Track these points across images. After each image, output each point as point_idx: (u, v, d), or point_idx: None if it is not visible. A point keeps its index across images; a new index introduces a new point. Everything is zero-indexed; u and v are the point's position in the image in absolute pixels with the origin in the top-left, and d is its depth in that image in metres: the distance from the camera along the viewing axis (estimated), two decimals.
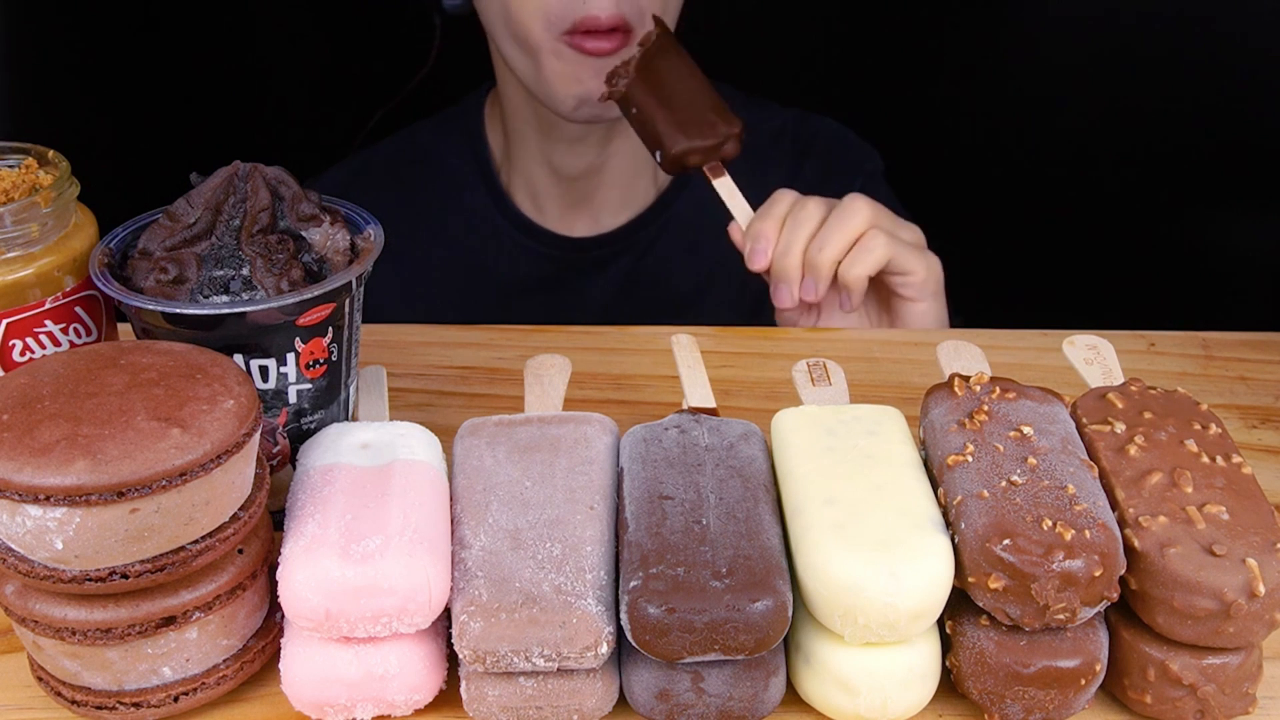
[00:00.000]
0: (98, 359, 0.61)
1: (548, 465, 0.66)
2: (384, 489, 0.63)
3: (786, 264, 0.96)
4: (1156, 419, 0.67)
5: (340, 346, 0.72)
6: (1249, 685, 0.60)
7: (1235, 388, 0.91)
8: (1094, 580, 0.57)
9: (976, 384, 0.68)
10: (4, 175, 0.69)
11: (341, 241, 0.72)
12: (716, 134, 0.99)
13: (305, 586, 0.58)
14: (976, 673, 0.60)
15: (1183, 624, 0.58)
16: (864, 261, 0.95)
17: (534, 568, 0.60)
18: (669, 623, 0.57)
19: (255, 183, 0.72)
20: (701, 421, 0.69)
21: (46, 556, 0.56)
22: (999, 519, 0.59)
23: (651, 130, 1.00)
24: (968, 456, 0.63)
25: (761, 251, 0.97)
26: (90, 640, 0.58)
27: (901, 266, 0.96)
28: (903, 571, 0.58)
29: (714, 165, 1.00)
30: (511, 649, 0.57)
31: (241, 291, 0.68)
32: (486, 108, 1.32)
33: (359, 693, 0.60)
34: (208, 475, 0.57)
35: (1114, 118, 1.56)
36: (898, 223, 0.99)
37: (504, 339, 0.97)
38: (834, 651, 0.60)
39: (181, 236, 0.70)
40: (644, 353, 0.95)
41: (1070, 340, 0.78)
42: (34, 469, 0.54)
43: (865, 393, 0.83)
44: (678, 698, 0.59)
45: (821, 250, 0.95)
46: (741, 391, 0.91)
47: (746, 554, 0.59)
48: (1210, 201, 1.54)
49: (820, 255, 0.95)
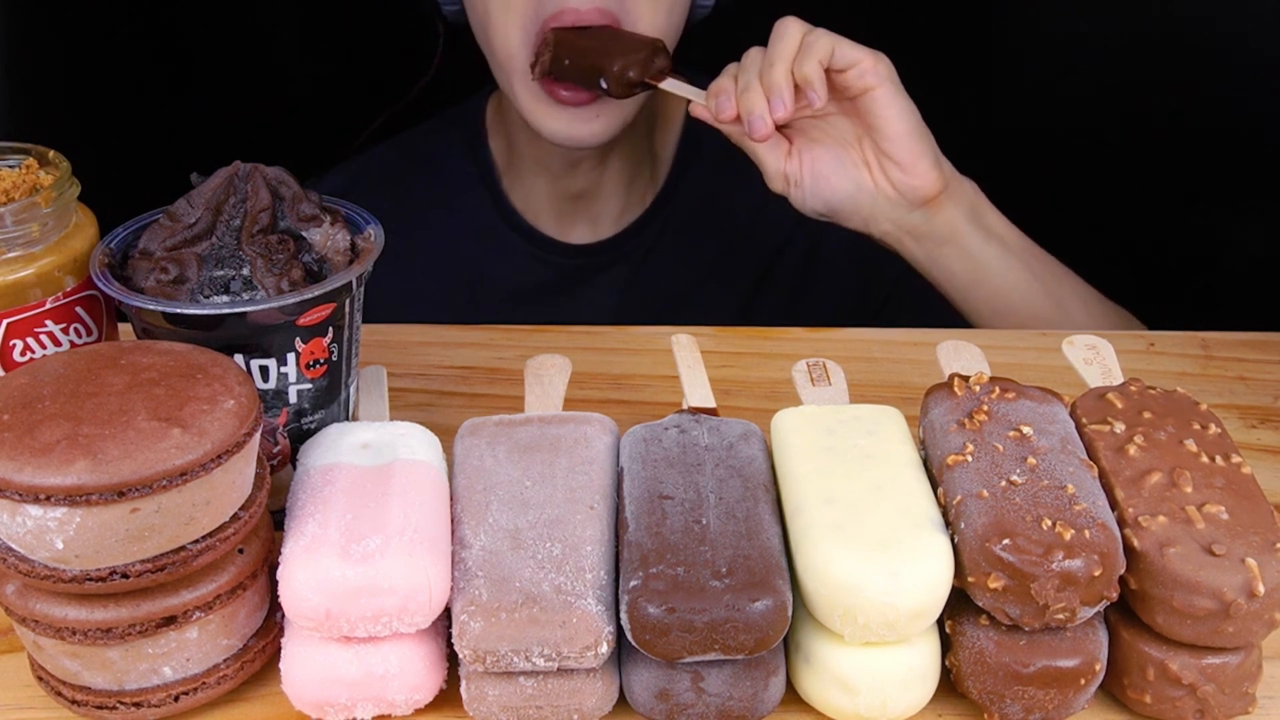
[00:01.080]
0: (98, 359, 0.61)
1: (548, 465, 0.66)
2: (384, 489, 0.63)
3: (750, 97, 0.98)
4: (1156, 419, 0.67)
5: (340, 346, 0.72)
6: (1249, 685, 0.60)
7: (1235, 388, 0.91)
8: (1093, 580, 0.57)
9: (976, 384, 0.68)
10: (4, 175, 0.70)
11: (342, 241, 0.73)
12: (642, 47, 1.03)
13: (305, 586, 0.58)
14: (976, 672, 0.60)
15: (1182, 624, 0.58)
16: (810, 56, 0.97)
17: (534, 567, 0.60)
18: (669, 622, 0.57)
19: (255, 183, 0.72)
20: (701, 421, 0.69)
21: (47, 556, 0.56)
22: (999, 519, 0.59)
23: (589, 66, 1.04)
24: (967, 456, 0.63)
25: (725, 102, 0.99)
26: (91, 640, 0.59)
27: (847, 58, 0.98)
28: (902, 571, 0.58)
29: (655, 74, 1.04)
30: (511, 649, 0.58)
31: (242, 291, 0.68)
32: (489, 110, 1.31)
33: (359, 692, 0.60)
34: (208, 475, 0.57)
35: (1114, 118, 1.56)
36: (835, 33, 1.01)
37: (504, 339, 0.97)
38: (834, 651, 0.60)
39: (182, 236, 0.70)
40: (644, 353, 0.95)
41: (1070, 340, 0.78)
42: (34, 469, 0.54)
43: (865, 393, 0.83)
44: (678, 697, 0.59)
45: (771, 68, 0.97)
46: (741, 391, 0.91)
47: (746, 554, 0.59)
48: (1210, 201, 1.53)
49: (772, 72, 0.97)
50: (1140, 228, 1.57)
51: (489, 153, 1.29)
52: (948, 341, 0.77)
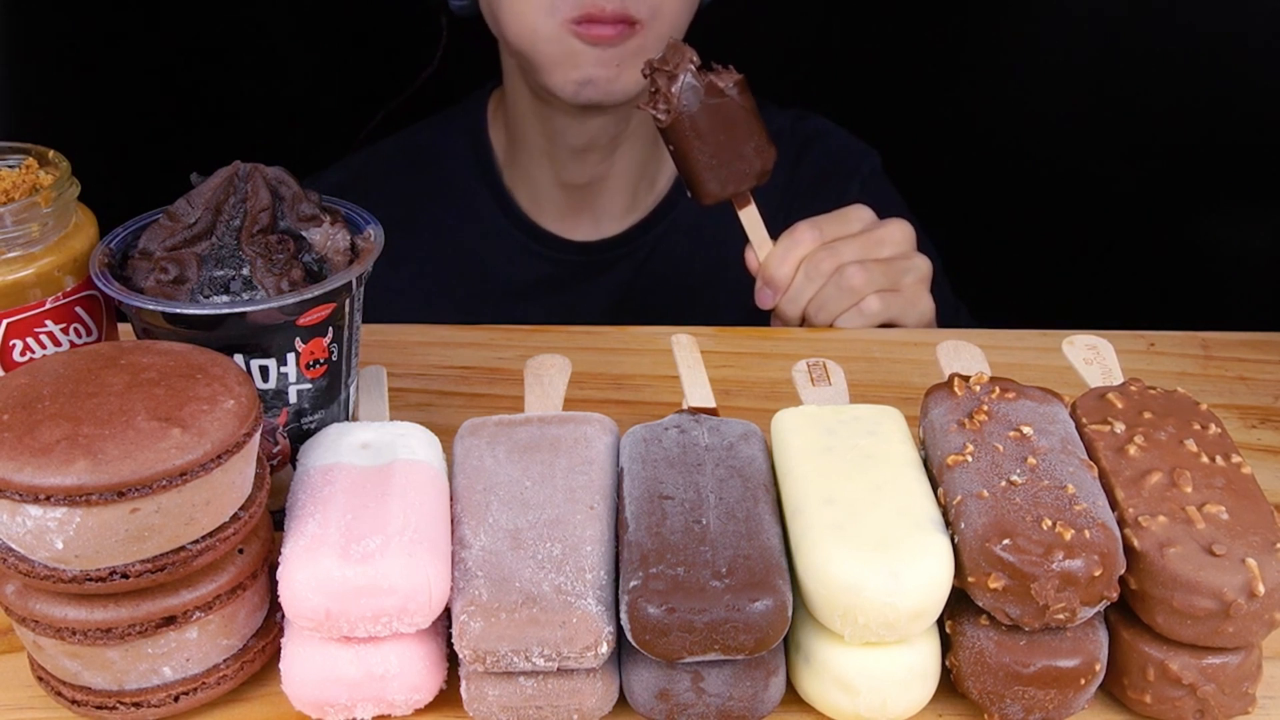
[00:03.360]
0: (98, 359, 0.61)
1: (548, 465, 0.66)
2: (384, 489, 0.63)
3: (786, 312, 1.01)
4: (1156, 419, 0.67)
5: (340, 346, 0.72)
6: (1248, 685, 0.60)
7: (1235, 388, 0.91)
8: (1094, 580, 0.57)
9: (976, 384, 0.68)
10: (4, 175, 0.70)
11: (341, 241, 0.73)
12: (751, 175, 0.99)
13: (305, 586, 0.58)
14: (976, 672, 0.60)
15: (1182, 624, 0.58)
16: (853, 318, 1.00)
17: (534, 567, 0.60)
18: (669, 622, 0.57)
19: (255, 183, 0.72)
20: (701, 421, 0.69)
21: (47, 556, 0.56)
22: (999, 519, 0.59)
23: (687, 169, 0.98)
24: (967, 456, 0.63)
25: (770, 297, 1.01)
26: (91, 640, 0.59)
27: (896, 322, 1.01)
28: (902, 571, 0.58)
29: (742, 196, 1.00)
30: (511, 649, 0.58)
31: (242, 291, 0.68)
32: (490, 107, 1.31)
33: (359, 692, 0.60)
34: (208, 475, 0.57)
35: (1114, 117, 1.56)
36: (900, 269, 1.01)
37: (504, 339, 0.97)
38: (834, 651, 0.60)
39: (182, 236, 0.70)
40: (644, 353, 0.95)
41: (1070, 340, 0.78)
42: (34, 469, 0.54)
43: (865, 393, 0.83)
44: (678, 697, 0.59)
45: (819, 312, 1.00)
46: (741, 391, 0.91)
47: (746, 554, 0.59)
48: (1210, 201, 1.53)
49: (816, 316, 1.00)
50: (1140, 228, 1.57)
51: (490, 148, 1.29)
52: (948, 341, 0.77)
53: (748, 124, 0.97)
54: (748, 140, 0.97)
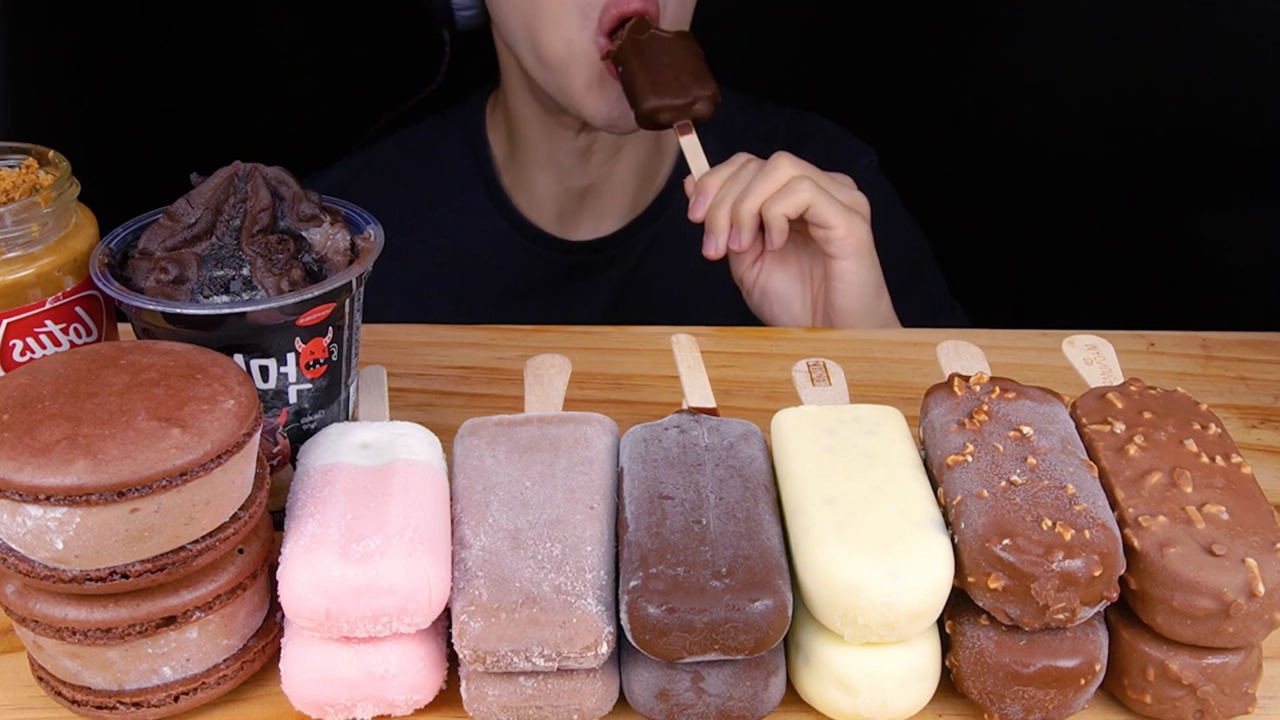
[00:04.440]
0: (98, 359, 0.61)
1: (548, 465, 0.66)
2: (384, 489, 0.63)
3: (716, 215, 1.00)
4: (1156, 419, 0.67)
5: (340, 346, 0.72)
6: (1248, 685, 0.60)
7: (1235, 388, 0.91)
8: (1094, 580, 0.57)
9: (976, 384, 0.68)
10: (4, 175, 0.70)
11: (341, 241, 0.73)
12: (688, 94, 1.04)
13: (305, 586, 0.58)
14: (976, 672, 0.60)
15: (1182, 624, 0.58)
16: (783, 202, 0.98)
17: (534, 568, 0.60)
18: (669, 622, 0.57)
19: (255, 183, 0.72)
20: (701, 421, 0.69)
21: (47, 556, 0.56)
22: (999, 519, 0.59)
23: (630, 87, 1.05)
24: (967, 456, 0.63)
25: (699, 204, 1.02)
26: (90, 640, 0.59)
27: (821, 217, 0.99)
28: (902, 571, 0.58)
29: (683, 124, 1.05)
30: (511, 649, 0.58)
31: (242, 291, 0.68)
32: (488, 108, 1.31)
33: (359, 692, 0.60)
34: (208, 475, 0.57)
35: (1114, 117, 1.56)
36: (832, 180, 1.02)
37: (504, 339, 0.97)
38: (834, 651, 0.60)
39: (182, 236, 0.70)
40: (644, 353, 0.95)
41: (1070, 340, 0.78)
42: (34, 469, 0.54)
43: (865, 393, 0.83)
44: (678, 697, 0.59)
45: (744, 200, 0.99)
46: (741, 391, 0.91)
47: (746, 554, 0.59)
48: (1210, 201, 1.53)
49: (743, 205, 0.99)
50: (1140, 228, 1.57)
51: (488, 149, 1.30)
52: (948, 341, 0.77)
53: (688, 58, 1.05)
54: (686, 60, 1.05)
